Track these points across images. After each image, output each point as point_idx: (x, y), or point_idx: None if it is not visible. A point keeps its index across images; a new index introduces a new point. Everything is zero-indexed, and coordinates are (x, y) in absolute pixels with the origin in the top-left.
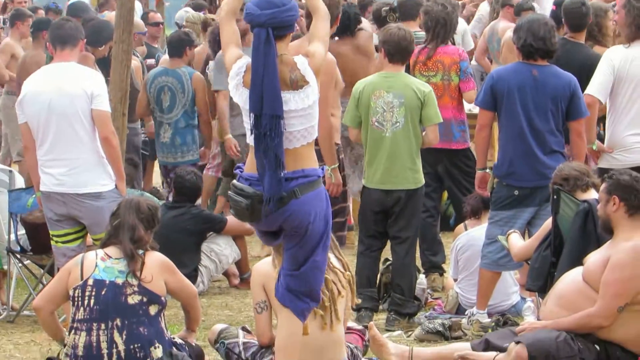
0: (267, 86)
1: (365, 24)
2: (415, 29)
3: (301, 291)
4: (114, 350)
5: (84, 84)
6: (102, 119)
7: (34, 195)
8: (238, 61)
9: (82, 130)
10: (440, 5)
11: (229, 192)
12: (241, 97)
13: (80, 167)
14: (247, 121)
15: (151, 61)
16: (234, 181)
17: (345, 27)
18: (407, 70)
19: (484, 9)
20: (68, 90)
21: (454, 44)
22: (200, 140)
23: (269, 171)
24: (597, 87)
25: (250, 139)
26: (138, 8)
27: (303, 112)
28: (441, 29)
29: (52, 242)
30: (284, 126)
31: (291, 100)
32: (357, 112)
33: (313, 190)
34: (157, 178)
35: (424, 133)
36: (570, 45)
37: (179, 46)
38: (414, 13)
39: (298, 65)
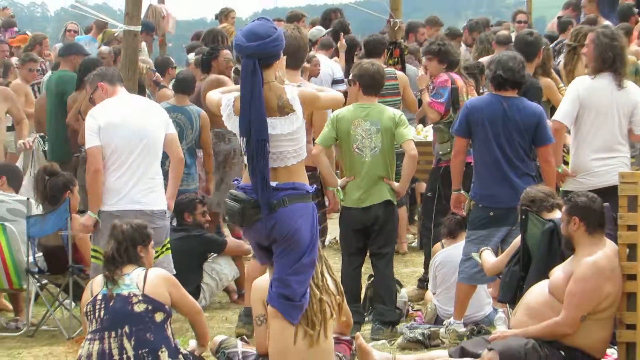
0: (254, 112)
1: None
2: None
3: (286, 295)
4: (125, 356)
5: (160, 112)
6: (176, 142)
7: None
8: (225, 95)
9: (158, 154)
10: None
11: (226, 199)
12: (234, 124)
13: (154, 188)
14: (241, 145)
15: None
16: (231, 190)
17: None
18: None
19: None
20: (153, 118)
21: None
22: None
23: (260, 190)
24: (563, 113)
25: (245, 159)
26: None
27: (290, 136)
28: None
29: (94, 260)
30: (269, 148)
31: (278, 126)
32: (334, 134)
33: (301, 203)
34: None
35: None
36: None
37: (189, 85)
38: (378, 50)
39: (287, 94)
